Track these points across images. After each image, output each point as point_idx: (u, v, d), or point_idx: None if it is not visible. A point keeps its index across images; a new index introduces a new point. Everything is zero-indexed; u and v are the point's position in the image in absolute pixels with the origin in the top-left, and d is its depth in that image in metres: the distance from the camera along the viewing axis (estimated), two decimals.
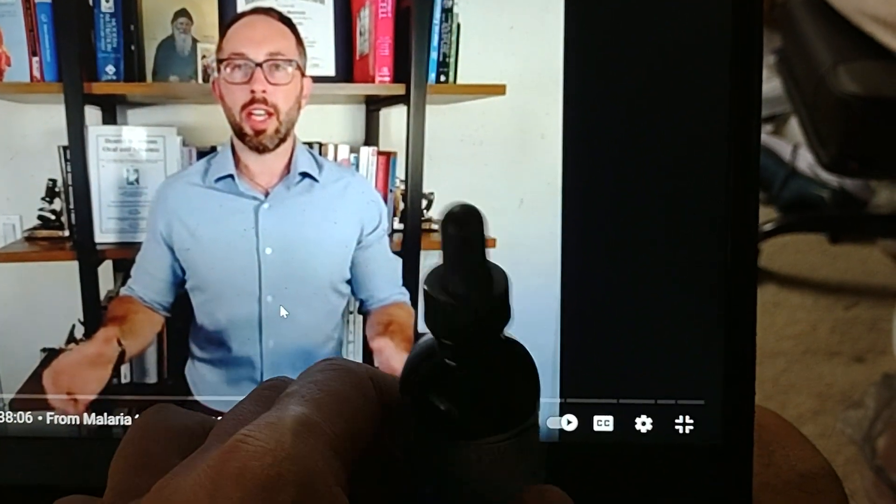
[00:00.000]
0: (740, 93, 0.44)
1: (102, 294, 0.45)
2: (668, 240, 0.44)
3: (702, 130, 0.44)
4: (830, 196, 1.89)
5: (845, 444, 1.33)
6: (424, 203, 0.45)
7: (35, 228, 0.45)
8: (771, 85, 1.98)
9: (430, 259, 0.45)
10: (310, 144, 0.45)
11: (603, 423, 0.44)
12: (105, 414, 0.45)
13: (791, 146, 1.97)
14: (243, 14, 0.44)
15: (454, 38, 0.44)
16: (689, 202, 0.44)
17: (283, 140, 0.44)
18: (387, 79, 0.45)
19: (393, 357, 0.45)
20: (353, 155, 0.45)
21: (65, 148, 0.44)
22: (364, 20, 0.45)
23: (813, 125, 1.47)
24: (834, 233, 1.88)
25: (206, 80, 0.44)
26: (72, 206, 0.45)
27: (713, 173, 0.44)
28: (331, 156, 0.45)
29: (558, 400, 0.44)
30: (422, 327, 0.32)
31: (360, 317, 0.46)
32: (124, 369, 0.45)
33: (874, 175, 1.76)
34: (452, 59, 0.44)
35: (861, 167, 1.47)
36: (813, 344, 1.56)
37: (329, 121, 0.45)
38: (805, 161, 1.91)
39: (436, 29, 0.44)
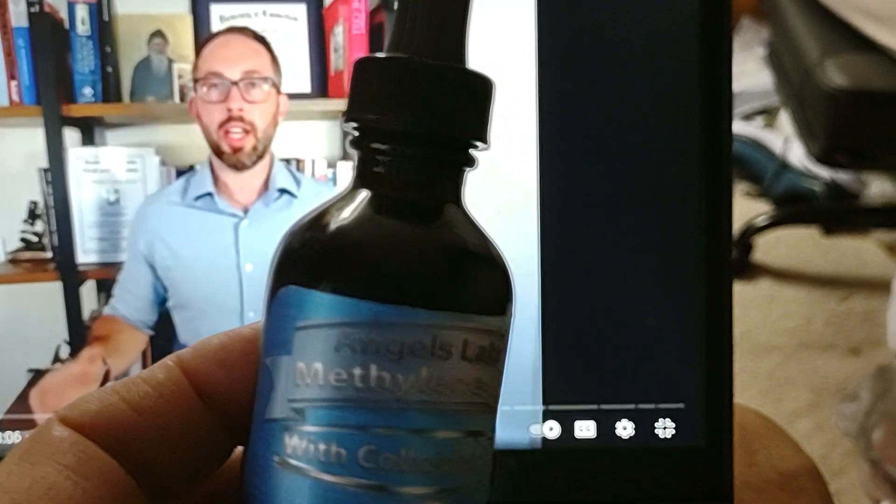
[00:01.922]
0: (712, 93, 0.44)
1: (86, 314, 0.45)
2: (644, 245, 0.44)
3: (675, 135, 0.44)
4: (822, 189, 1.89)
5: (841, 437, 1.33)
6: None
7: (18, 250, 0.45)
8: (762, 78, 1.99)
9: None
10: (287, 161, 0.45)
11: (585, 429, 0.44)
12: None
13: (782, 139, 1.97)
14: (218, 33, 0.44)
15: None
16: (664, 206, 0.44)
17: (260, 157, 0.45)
18: None
19: None
20: (331, 170, 0.46)
21: (45, 170, 0.45)
22: (338, 37, 0.45)
23: (802, 118, 1.48)
24: (827, 225, 1.88)
25: (182, 99, 0.45)
26: (53, 228, 0.45)
27: (687, 177, 0.44)
28: (308, 171, 0.45)
29: (541, 407, 0.44)
30: None
31: None
32: None
33: (863, 167, 1.76)
34: None
35: (850, 159, 1.48)
36: (807, 337, 1.56)
37: (306, 137, 0.45)
38: (796, 154, 1.91)
39: None
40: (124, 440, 0.23)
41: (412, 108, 0.24)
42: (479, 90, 0.25)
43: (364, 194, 0.24)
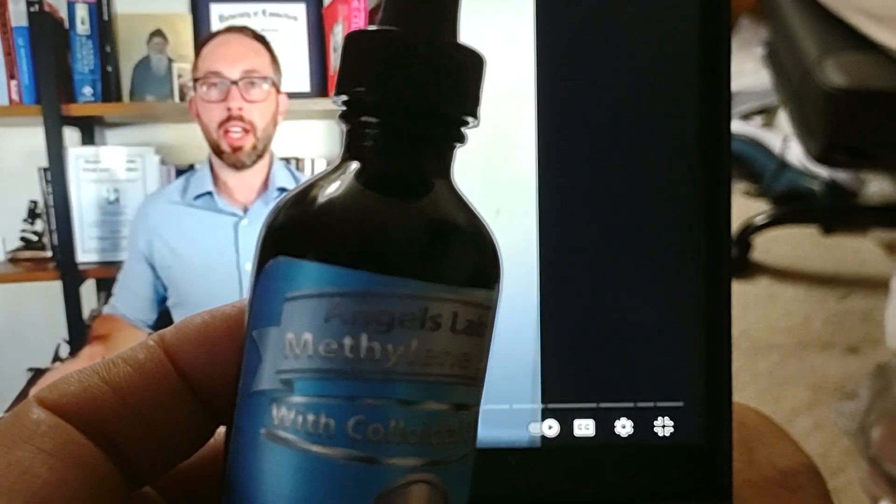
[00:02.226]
0: (711, 92, 0.44)
1: (86, 313, 0.45)
2: (643, 243, 0.44)
3: (674, 133, 0.44)
4: (821, 188, 1.89)
5: (840, 435, 1.33)
6: None
7: (18, 249, 0.45)
8: (760, 77, 1.99)
9: None
10: (287, 160, 0.45)
11: (584, 427, 0.44)
12: None
13: (780, 139, 1.97)
14: (218, 33, 0.44)
15: None
16: (662, 205, 0.44)
17: (260, 156, 0.45)
18: None
19: None
20: None
21: (45, 169, 0.45)
22: (337, 36, 0.45)
23: (801, 117, 1.48)
24: (826, 224, 1.88)
25: (182, 98, 0.45)
26: (53, 227, 0.45)
27: (687, 176, 0.44)
28: (308, 170, 0.46)
29: (540, 406, 0.44)
30: None
31: None
32: None
33: (862, 166, 1.76)
34: None
35: (849, 158, 1.48)
36: (806, 336, 1.57)
37: (306, 136, 0.45)
38: (795, 153, 1.91)
39: None
40: (104, 422, 0.23)
41: (402, 81, 0.24)
42: (471, 65, 0.25)
43: (354, 166, 0.24)
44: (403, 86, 0.24)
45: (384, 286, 0.22)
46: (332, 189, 0.23)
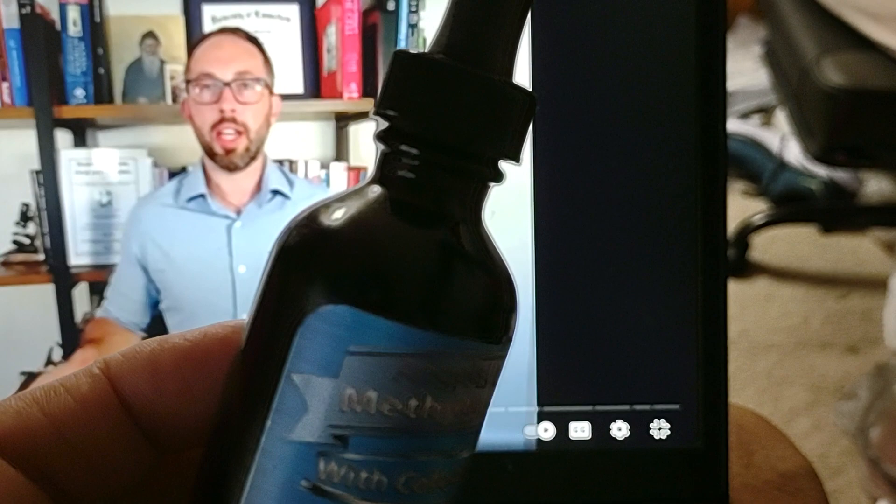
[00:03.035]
0: (707, 92, 0.44)
1: (79, 316, 0.45)
2: (639, 246, 0.44)
3: (670, 136, 0.44)
4: (820, 187, 1.89)
5: (839, 435, 1.33)
6: None
7: (10, 253, 0.45)
8: (759, 76, 1.99)
9: None
10: (280, 162, 0.45)
11: (579, 430, 0.44)
12: None
13: (779, 138, 1.97)
14: (210, 34, 0.44)
15: (420, 48, 0.44)
16: (659, 207, 0.44)
17: (253, 158, 0.45)
18: (355, 95, 0.45)
19: None
20: (324, 171, 0.46)
21: (37, 172, 0.45)
22: (331, 37, 0.45)
23: (800, 116, 1.48)
24: (825, 224, 1.88)
25: (175, 100, 0.44)
26: (46, 230, 0.45)
27: (683, 177, 0.44)
28: (301, 173, 0.45)
29: (535, 408, 0.44)
30: None
31: None
32: None
33: (862, 165, 1.76)
34: None
35: (848, 158, 1.47)
36: (805, 336, 1.56)
37: (299, 138, 0.45)
38: (793, 153, 1.91)
39: (402, 44, 0.44)
40: (40, 455, 0.22)
41: (445, 113, 0.23)
42: (518, 105, 0.24)
43: (392, 199, 0.23)
44: (445, 118, 0.23)
45: (450, 347, 0.22)
46: (385, 228, 0.23)
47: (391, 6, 0.45)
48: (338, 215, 0.22)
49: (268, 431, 0.22)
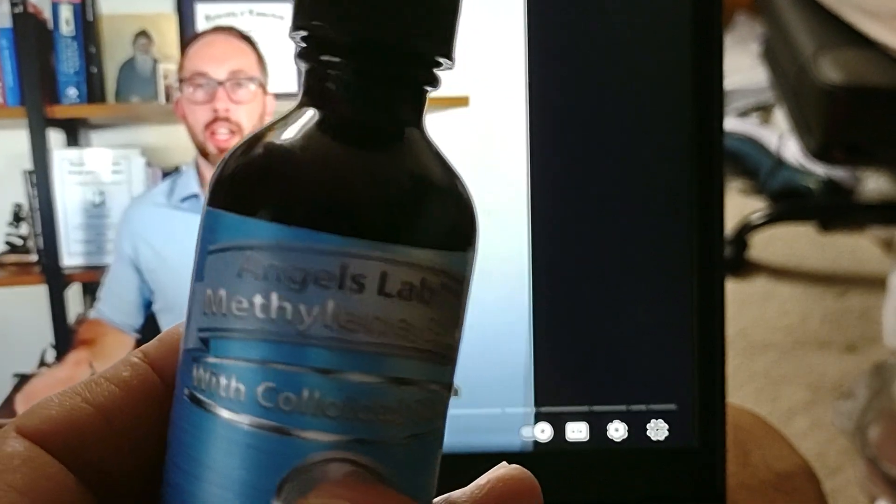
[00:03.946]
0: (704, 91, 0.44)
1: (72, 317, 0.45)
2: (635, 245, 0.44)
3: (666, 132, 0.44)
4: (818, 185, 1.89)
5: (838, 434, 1.33)
6: None
7: (2, 254, 0.45)
8: (757, 74, 1.98)
9: None
10: None
11: (576, 431, 0.44)
12: None
13: (777, 136, 1.97)
14: (204, 33, 0.44)
15: None
16: (655, 207, 0.44)
17: None
18: None
19: None
20: None
21: (30, 172, 0.44)
22: None
23: (798, 114, 1.48)
24: (823, 222, 1.88)
25: (168, 99, 0.44)
26: (38, 231, 0.45)
27: (679, 177, 0.43)
28: None
29: (532, 409, 0.44)
30: None
31: None
32: None
33: (860, 163, 1.76)
34: None
35: (846, 155, 1.47)
36: (804, 335, 1.56)
37: None
38: (791, 151, 1.91)
39: None
40: (87, 445, 0.22)
41: (371, 15, 0.21)
42: (446, 1, 0.23)
43: (301, 112, 0.22)
44: (372, 20, 0.21)
45: (295, 240, 0.20)
46: (267, 138, 0.22)
47: None
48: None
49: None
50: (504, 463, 0.25)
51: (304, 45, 0.22)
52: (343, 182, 0.21)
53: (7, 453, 0.21)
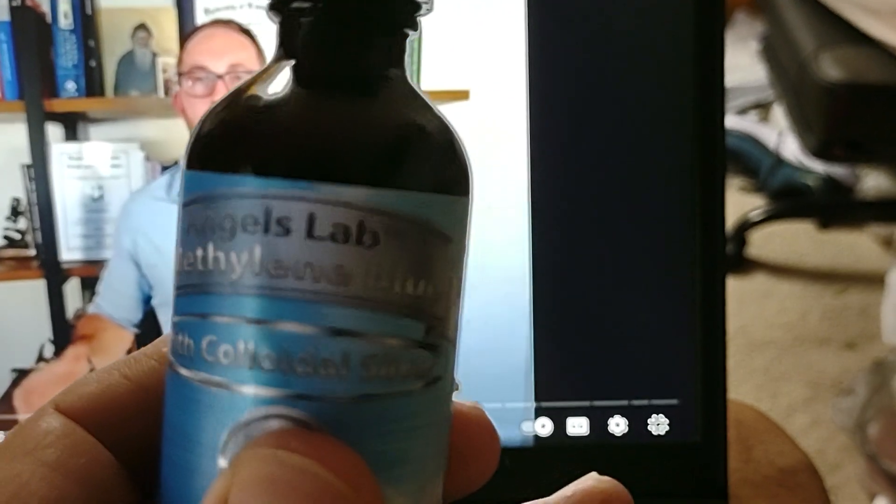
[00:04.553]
0: (705, 88, 0.43)
1: (70, 312, 0.45)
2: (637, 240, 0.44)
3: (667, 128, 0.43)
4: (817, 183, 1.89)
5: (837, 431, 1.33)
6: None
7: (1, 248, 0.45)
8: (756, 72, 1.98)
9: None
10: None
11: (577, 425, 0.44)
12: None
13: (776, 134, 1.97)
14: (203, 26, 0.44)
15: (416, 44, 0.43)
16: (657, 202, 0.43)
17: None
18: None
19: None
20: None
21: (28, 166, 0.44)
22: None
23: (798, 112, 1.47)
24: (822, 220, 1.88)
25: (167, 93, 0.44)
26: (37, 225, 0.44)
27: (680, 172, 0.43)
28: None
29: (533, 404, 0.44)
30: None
31: None
32: None
33: (859, 160, 1.76)
34: (415, 66, 0.44)
35: (846, 153, 1.47)
36: (803, 332, 1.56)
37: None
38: (790, 148, 1.91)
39: None
40: (125, 420, 0.22)
41: None
42: None
43: (279, 65, 0.21)
44: None
45: (223, 187, 0.20)
46: (237, 91, 0.21)
47: None
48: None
49: None
50: (594, 474, 0.24)
51: None
52: (261, 122, 0.20)
53: (42, 429, 0.21)
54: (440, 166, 0.21)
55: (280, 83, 0.21)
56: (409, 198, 0.20)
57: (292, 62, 0.21)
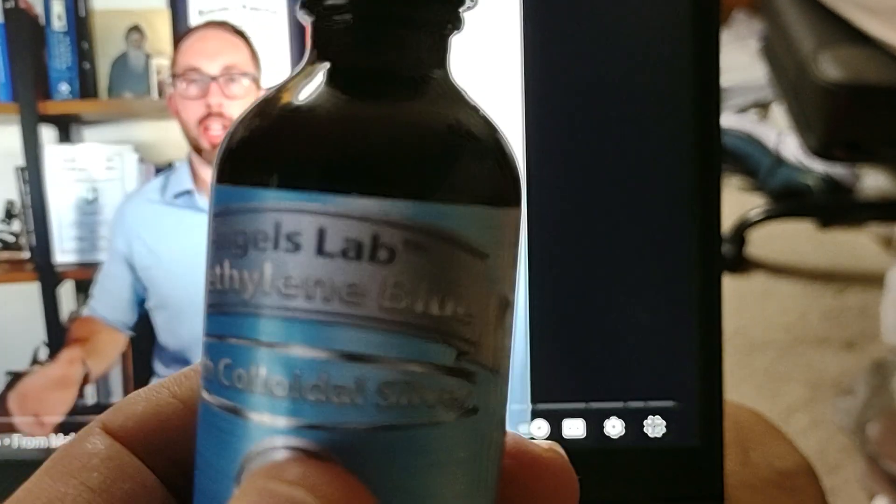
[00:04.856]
0: (701, 90, 0.43)
1: (65, 315, 0.45)
2: (634, 242, 0.43)
3: (663, 130, 0.43)
4: (817, 182, 1.88)
5: (837, 432, 1.33)
6: None
7: None
8: (755, 71, 1.98)
9: None
10: None
11: (573, 427, 0.43)
12: (72, 435, 0.44)
13: (775, 133, 1.97)
14: (196, 28, 0.43)
15: None
16: (654, 203, 0.43)
17: None
18: None
19: None
20: None
21: (22, 169, 0.44)
22: None
23: (798, 111, 1.47)
24: (822, 219, 1.87)
25: (161, 95, 0.44)
26: (31, 228, 0.44)
27: (677, 174, 0.43)
28: None
29: (529, 406, 0.43)
30: None
31: None
32: (90, 390, 0.45)
33: (859, 160, 1.76)
34: None
35: (846, 153, 1.47)
36: (803, 332, 1.56)
37: None
38: (790, 148, 1.91)
39: None
40: (171, 442, 0.21)
41: None
42: None
43: (315, 68, 0.20)
44: None
45: (236, 200, 0.18)
46: (262, 103, 0.20)
47: None
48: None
49: None
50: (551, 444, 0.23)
51: None
52: (271, 131, 0.19)
53: (87, 451, 0.21)
54: (468, 174, 0.19)
55: (300, 87, 0.20)
56: (429, 209, 0.18)
57: (324, 64, 0.20)
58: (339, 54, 0.20)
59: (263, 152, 0.19)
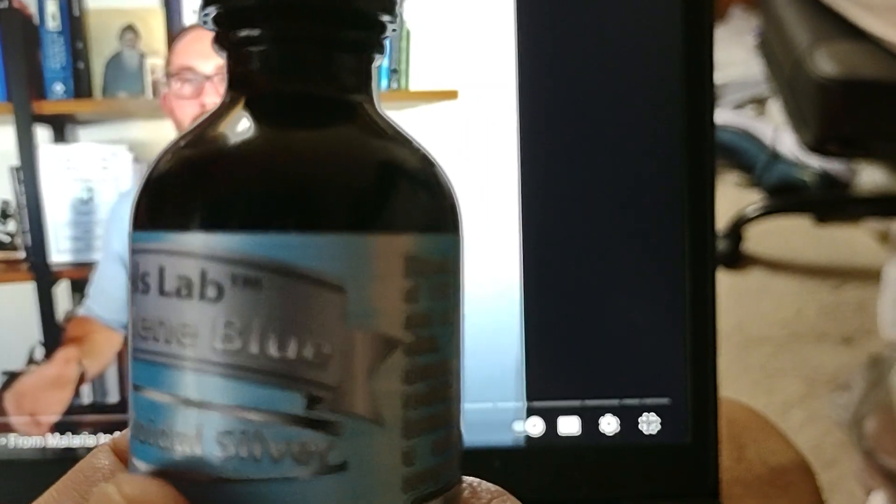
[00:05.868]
0: (694, 86, 0.43)
1: (60, 314, 0.45)
2: (626, 239, 0.43)
3: (657, 126, 0.43)
4: (813, 178, 1.88)
5: (834, 427, 1.33)
6: None
7: None
8: (752, 67, 1.98)
9: None
10: None
11: (568, 425, 0.43)
12: (68, 434, 0.44)
13: (771, 129, 1.97)
14: (191, 27, 0.43)
15: (405, 44, 0.43)
16: (646, 200, 0.43)
17: None
18: None
19: None
20: None
21: (16, 169, 0.44)
22: None
23: (794, 107, 1.47)
24: (818, 215, 1.87)
25: (155, 94, 0.44)
26: (26, 228, 0.44)
27: (670, 170, 0.43)
28: None
29: (524, 404, 0.43)
30: None
31: None
32: (86, 389, 0.45)
33: (855, 156, 1.76)
34: (404, 66, 0.43)
35: (842, 148, 1.47)
36: (799, 328, 1.56)
37: None
38: (786, 143, 1.91)
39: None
40: None
41: None
42: None
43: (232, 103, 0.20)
44: None
45: (139, 241, 0.18)
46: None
47: None
48: None
49: None
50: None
51: (216, 25, 0.20)
52: (148, 172, 0.19)
53: (95, 467, 0.22)
54: (308, 199, 0.17)
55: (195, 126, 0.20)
56: (258, 241, 0.17)
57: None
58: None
59: (138, 195, 0.19)
